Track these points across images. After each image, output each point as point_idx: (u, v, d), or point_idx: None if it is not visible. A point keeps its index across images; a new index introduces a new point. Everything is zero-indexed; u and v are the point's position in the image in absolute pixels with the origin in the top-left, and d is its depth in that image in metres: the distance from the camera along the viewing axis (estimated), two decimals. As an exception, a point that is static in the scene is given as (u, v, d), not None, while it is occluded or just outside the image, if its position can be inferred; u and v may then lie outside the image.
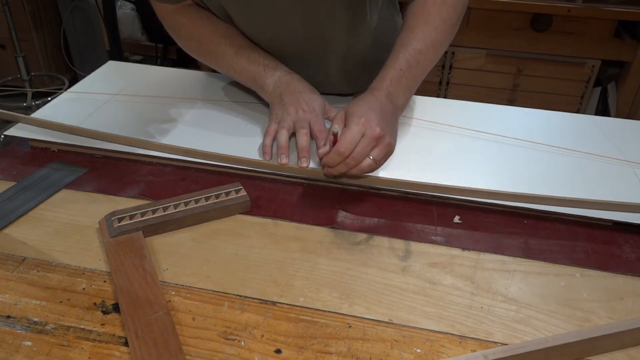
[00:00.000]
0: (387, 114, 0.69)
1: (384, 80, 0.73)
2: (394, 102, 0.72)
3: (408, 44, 0.74)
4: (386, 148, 0.66)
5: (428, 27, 0.75)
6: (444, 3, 0.75)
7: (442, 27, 0.75)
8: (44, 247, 0.60)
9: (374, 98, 0.71)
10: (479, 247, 0.62)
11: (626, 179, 0.73)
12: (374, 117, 0.66)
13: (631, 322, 0.50)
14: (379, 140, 0.65)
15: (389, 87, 0.72)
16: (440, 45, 0.76)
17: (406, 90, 0.74)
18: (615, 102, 2.17)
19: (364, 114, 0.67)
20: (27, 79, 2.46)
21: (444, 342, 0.51)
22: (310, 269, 0.58)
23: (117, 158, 0.76)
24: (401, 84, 0.72)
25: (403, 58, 0.73)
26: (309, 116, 0.77)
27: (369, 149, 0.65)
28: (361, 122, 0.65)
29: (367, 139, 0.65)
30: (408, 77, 0.73)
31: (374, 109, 0.68)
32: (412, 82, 0.74)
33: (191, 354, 0.48)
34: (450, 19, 0.76)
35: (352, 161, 0.65)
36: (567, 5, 1.96)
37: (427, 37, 0.74)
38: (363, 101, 0.70)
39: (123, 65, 1.05)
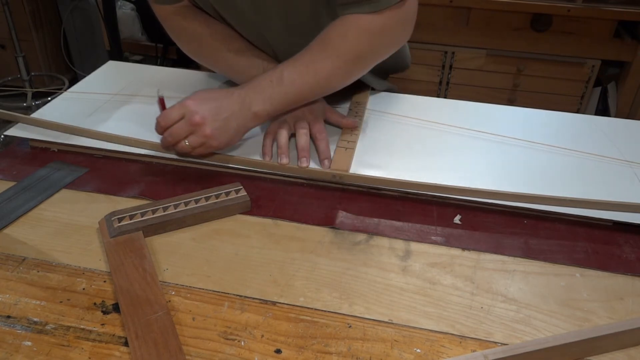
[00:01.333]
0: (227, 111, 0.69)
1: (251, 82, 0.72)
2: (247, 105, 0.70)
3: (294, 61, 0.72)
4: (203, 138, 0.68)
5: (321, 54, 0.72)
6: (345, 38, 0.71)
7: (336, 60, 0.71)
8: (44, 247, 0.60)
9: (228, 93, 0.71)
10: (479, 247, 0.62)
11: (626, 179, 0.73)
12: (203, 106, 0.68)
13: (631, 322, 0.50)
14: (196, 128, 0.67)
15: (251, 90, 0.71)
16: (328, 76, 0.73)
17: (268, 101, 0.71)
18: (615, 102, 2.17)
19: (197, 98, 0.69)
20: (27, 79, 2.46)
21: (444, 342, 0.51)
22: (310, 269, 0.58)
23: (117, 158, 0.76)
24: (264, 93, 0.71)
25: (279, 71, 0.72)
26: (308, 117, 0.77)
27: (184, 132, 0.68)
28: (186, 104, 0.68)
29: (184, 122, 0.68)
30: (275, 90, 0.71)
31: (214, 100, 0.69)
32: (278, 97, 0.71)
33: (191, 354, 0.48)
34: (348, 54, 0.72)
35: (168, 137, 0.68)
36: (567, 5, 1.96)
37: (315, 62, 0.72)
38: (212, 91, 0.72)
39: (123, 65, 1.05)
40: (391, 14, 0.71)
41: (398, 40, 0.77)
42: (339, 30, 0.72)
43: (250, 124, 0.72)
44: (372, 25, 0.71)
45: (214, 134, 0.68)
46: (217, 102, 0.70)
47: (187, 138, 0.68)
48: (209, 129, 0.68)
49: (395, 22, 0.72)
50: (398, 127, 0.84)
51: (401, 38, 0.77)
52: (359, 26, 0.71)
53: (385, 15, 0.71)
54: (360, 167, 0.73)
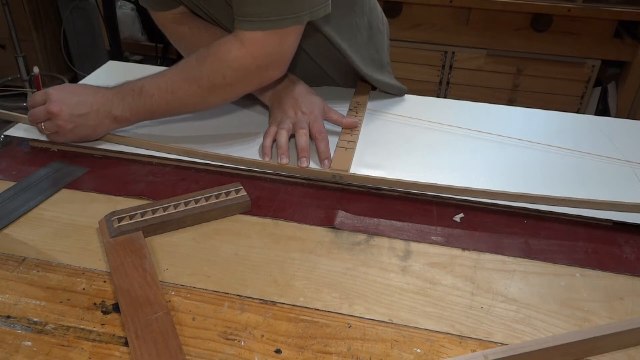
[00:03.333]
0: (87, 108, 0.72)
1: (117, 87, 0.75)
2: (108, 108, 0.73)
3: (159, 75, 0.73)
4: (56, 127, 0.72)
5: (180, 75, 0.73)
6: (203, 65, 0.71)
7: (192, 84, 0.72)
8: (44, 247, 0.60)
9: (94, 91, 0.74)
10: (479, 247, 0.62)
11: (626, 179, 0.73)
12: (65, 98, 0.72)
13: (631, 322, 0.50)
14: (51, 116, 0.72)
15: (115, 95, 0.74)
16: (183, 97, 0.73)
17: (127, 109, 0.73)
18: (615, 102, 2.17)
19: (62, 89, 0.73)
20: (27, 79, 2.46)
21: (444, 342, 0.51)
22: (310, 269, 0.58)
23: (117, 158, 0.76)
24: (125, 100, 0.73)
25: (142, 83, 0.73)
26: (308, 117, 0.77)
27: (42, 117, 0.72)
28: (50, 91, 0.72)
29: (43, 108, 0.72)
30: (135, 100, 0.73)
31: (77, 95, 0.73)
32: (137, 107, 0.73)
33: (191, 354, 0.48)
34: (203, 82, 0.71)
35: (29, 117, 0.74)
36: (567, 5, 1.96)
37: (173, 82, 0.72)
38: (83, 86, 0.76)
39: (123, 65, 1.05)
40: (253, 49, 0.69)
41: (258, 78, 0.73)
42: (201, 56, 0.72)
43: (110, 125, 0.75)
44: (230, 56, 0.69)
45: (67, 126, 0.72)
46: (79, 97, 0.73)
47: (44, 123, 0.73)
48: (63, 120, 0.71)
49: (255, 58, 0.70)
50: (398, 127, 0.84)
51: (263, 77, 0.73)
52: (217, 55, 0.70)
53: (245, 49, 0.69)
54: (360, 167, 0.73)
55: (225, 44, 0.70)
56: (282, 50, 0.71)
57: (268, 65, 0.71)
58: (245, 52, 0.69)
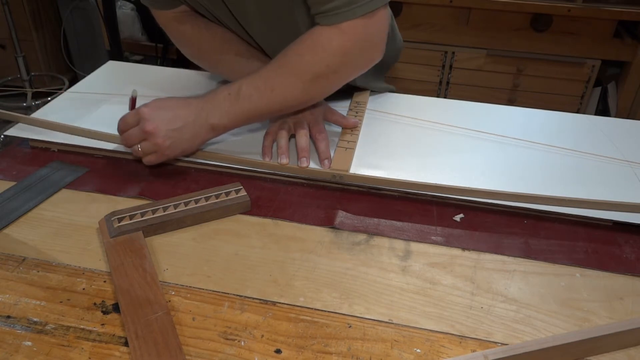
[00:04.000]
0: (182, 121, 0.69)
1: (210, 93, 0.72)
2: (204, 117, 0.71)
3: (254, 76, 0.72)
4: (154, 147, 0.69)
5: (278, 71, 0.71)
6: (302, 56, 0.70)
7: (292, 78, 0.70)
8: (44, 247, 0.60)
9: (186, 102, 0.71)
10: (479, 247, 0.62)
11: (626, 179, 0.73)
12: (158, 115, 0.69)
13: (631, 322, 0.50)
14: (147, 135, 0.68)
15: (208, 102, 0.71)
16: (284, 94, 0.71)
17: (225, 115, 0.71)
18: (615, 102, 2.17)
19: (153, 106, 0.69)
20: (27, 79, 2.46)
21: (444, 342, 0.51)
22: (310, 269, 0.58)
23: (117, 158, 0.76)
24: (221, 106, 0.71)
25: (238, 85, 0.71)
26: (308, 117, 0.77)
27: (137, 139, 0.69)
28: (141, 111, 0.69)
29: (138, 129, 0.69)
30: (233, 104, 0.71)
31: (170, 109, 0.70)
32: (236, 110, 0.71)
33: (191, 354, 0.48)
34: (305, 73, 0.70)
35: (123, 141, 0.71)
36: (567, 5, 1.96)
37: (272, 80, 0.71)
38: (170, 100, 0.71)
39: (123, 65, 1.05)
40: (353, 34, 0.68)
41: (362, 61, 0.73)
42: (298, 48, 0.71)
43: (207, 135, 0.72)
44: (332, 44, 0.69)
45: (165, 143, 0.69)
46: (172, 111, 0.70)
47: (140, 144, 0.69)
48: (161, 138, 0.68)
49: (357, 42, 0.69)
50: (398, 127, 0.84)
51: (366, 60, 0.73)
52: (317, 45, 0.69)
53: (346, 35, 0.68)
54: (360, 167, 0.73)
55: (323, 34, 0.69)
56: (379, 30, 0.71)
57: (369, 48, 0.72)
58: (346, 38, 0.68)
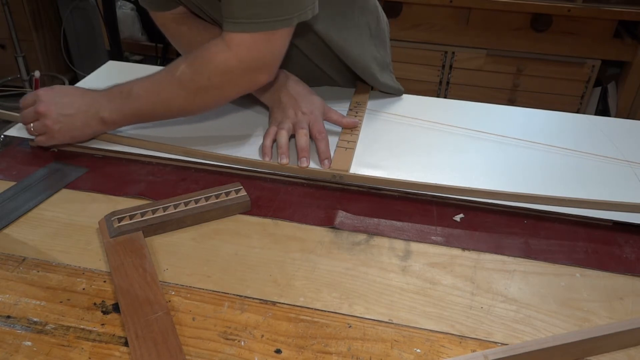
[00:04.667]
0: (74, 108, 0.72)
1: (106, 89, 0.74)
2: (96, 109, 0.73)
3: (147, 78, 0.73)
4: (44, 128, 0.72)
5: (167, 77, 0.72)
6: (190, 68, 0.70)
7: (177, 87, 0.71)
8: (44, 247, 0.60)
9: (83, 93, 0.74)
10: (479, 247, 0.62)
11: (626, 179, 0.73)
12: (53, 98, 0.72)
13: (631, 322, 0.50)
14: (40, 116, 0.72)
15: (103, 96, 0.74)
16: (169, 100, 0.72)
17: (115, 111, 0.73)
18: (615, 102, 2.17)
19: (51, 90, 0.73)
20: (27, 79, 2.46)
21: (444, 342, 0.51)
22: (310, 269, 0.58)
23: (117, 158, 0.76)
24: (113, 102, 0.73)
25: (131, 85, 0.73)
26: (308, 118, 0.77)
27: (31, 118, 0.73)
28: (39, 92, 0.73)
29: (32, 109, 0.73)
30: (123, 102, 0.73)
31: (66, 95, 0.73)
32: (125, 108, 0.73)
33: (191, 354, 0.48)
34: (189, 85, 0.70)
35: (19, 118, 0.76)
36: (567, 5, 1.96)
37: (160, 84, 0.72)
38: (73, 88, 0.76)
39: (123, 65, 1.05)
40: (240, 51, 0.67)
41: (245, 81, 0.71)
42: (188, 58, 0.71)
43: (97, 127, 0.74)
44: (217, 59, 0.68)
45: (55, 126, 0.72)
46: (68, 97, 0.73)
47: (32, 124, 0.73)
48: (51, 120, 0.71)
49: (243, 61, 0.68)
50: (398, 127, 0.84)
51: (250, 80, 0.71)
52: (204, 58, 0.69)
53: (232, 52, 0.67)
54: (360, 167, 0.73)
55: (214, 45, 0.69)
56: (270, 53, 0.68)
57: (255, 69, 0.69)
58: (231, 54, 0.67)
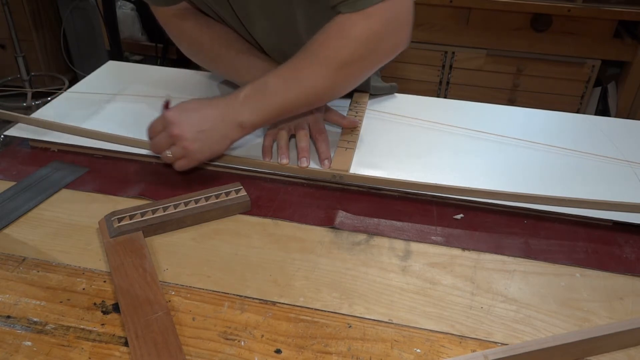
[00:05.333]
0: (209, 122, 0.67)
1: (236, 92, 0.70)
2: (232, 117, 0.68)
3: (280, 69, 0.70)
4: (183, 150, 0.67)
5: (304, 62, 0.69)
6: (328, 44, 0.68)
7: (319, 68, 0.68)
8: (44, 247, 0.60)
9: (212, 103, 0.69)
10: (479, 247, 0.62)
11: (626, 179, 0.73)
12: (184, 118, 0.67)
13: (631, 322, 0.50)
14: (175, 140, 0.66)
15: (235, 100, 0.69)
16: (313, 85, 0.69)
17: (254, 112, 0.69)
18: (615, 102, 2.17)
19: (178, 110, 0.67)
20: (27, 79, 2.46)
21: (444, 342, 0.51)
22: (310, 269, 0.58)
23: (117, 158, 0.76)
24: (250, 103, 0.69)
25: (264, 80, 0.69)
26: (308, 118, 0.77)
27: (165, 144, 0.67)
28: (166, 115, 0.67)
29: (165, 134, 0.67)
30: (260, 99, 0.69)
31: (196, 111, 0.68)
32: (263, 107, 0.69)
33: (191, 354, 0.48)
34: (331, 62, 0.68)
35: (152, 148, 0.69)
36: (567, 5, 1.96)
37: (298, 71, 0.69)
38: (198, 101, 0.69)
39: (123, 65, 1.05)
40: (378, 16, 0.66)
41: (389, 46, 0.70)
42: (322, 37, 0.69)
43: (236, 135, 0.70)
44: (356, 30, 0.67)
45: (194, 146, 0.67)
46: (198, 113, 0.68)
47: (170, 149, 0.67)
48: (189, 141, 0.66)
49: (383, 25, 0.67)
50: (398, 127, 0.84)
51: (392, 44, 0.70)
52: (341, 31, 0.67)
53: (371, 19, 0.66)
54: (360, 167, 0.73)
55: (347, 20, 0.66)
56: (405, 11, 0.69)
57: (395, 31, 0.69)
58: (372, 21, 0.66)
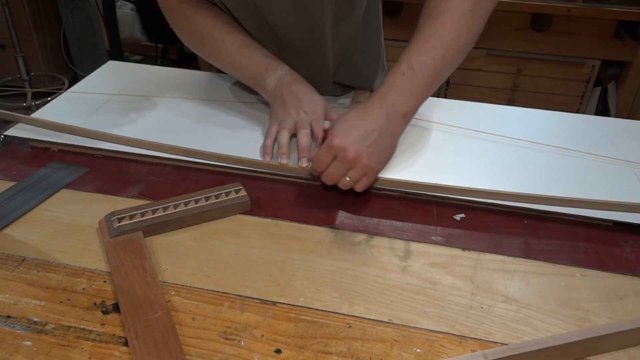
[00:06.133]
0: (375, 130, 0.65)
1: (384, 87, 0.68)
2: (393, 112, 0.67)
3: (413, 46, 0.68)
4: (363, 169, 0.64)
5: (436, 23, 0.68)
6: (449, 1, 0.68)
7: (451, 18, 0.67)
8: (44, 247, 0.60)
9: (367, 109, 0.67)
10: (479, 247, 0.62)
11: (626, 179, 0.73)
12: (351, 139, 0.64)
13: (631, 322, 0.50)
14: (353, 163, 0.64)
15: (389, 95, 0.67)
16: (452, 40, 0.68)
17: (411, 96, 0.67)
18: (615, 102, 2.17)
19: (341, 132, 0.64)
20: (27, 79, 2.46)
21: (444, 342, 0.51)
22: (310, 269, 0.58)
23: (117, 158, 0.76)
24: (403, 90, 0.67)
25: (406, 62, 0.67)
26: (310, 117, 0.77)
27: (343, 170, 0.64)
28: (334, 143, 0.63)
29: (339, 162, 0.64)
30: (412, 81, 0.67)
31: (358, 126, 0.65)
32: (419, 87, 0.68)
33: (191, 354, 0.48)
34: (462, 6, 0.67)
35: (327, 180, 0.66)
36: (567, 5, 1.96)
37: (434, 35, 0.68)
38: (351, 115, 0.67)
39: (123, 65, 1.05)
40: None
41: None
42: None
43: (402, 127, 0.69)
44: None
45: (372, 161, 0.64)
46: (361, 126, 0.65)
47: (347, 174, 0.64)
48: (366, 158, 0.64)
49: None
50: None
51: None
52: None
53: None
54: (360, 167, 0.73)
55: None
56: None
57: None
58: None
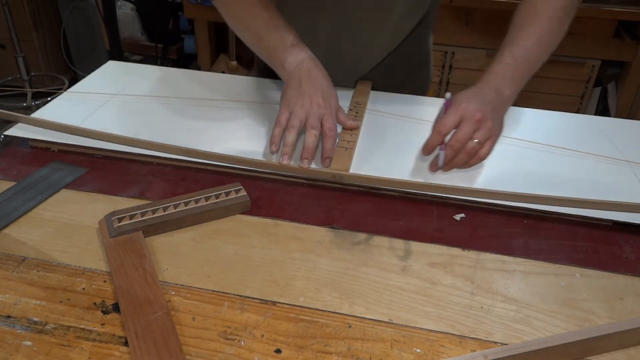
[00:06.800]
0: (490, 101, 0.72)
1: (489, 74, 0.75)
2: (500, 92, 0.74)
3: (514, 41, 0.76)
4: (488, 131, 0.70)
5: (533, 25, 0.77)
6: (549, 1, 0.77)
7: (548, 25, 0.77)
8: (44, 247, 0.60)
9: (477, 91, 0.73)
10: (479, 247, 0.62)
11: (626, 179, 0.73)
12: (473, 104, 0.70)
13: (631, 322, 0.50)
14: (479, 124, 0.69)
15: (493, 79, 0.74)
16: (547, 42, 0.78)
17: (512, 82, 0.75)
18: (615, 102, 2.17)
19: (463, 101, 0.71)
20: (27, 79, 2.46)
21: (443, 342, 0.51)
22: (310, 269, 0.58)
23: (117, 158, 0.76)
24: (506, 76, 0.74)
25: (509, 54, 0.75)
26: (322, 111, 0.74)
27: (470, 132, 0.69)
28: (462, 107, 0.70)
29: (468, 122, 0.69)
30: (514, 70, 0.75)
31: (478, 95, 0.72)
32: (519, 75, 0.76)
33: (191, 354, 0.48)
34: (558, 16, 0.78)
35: (455, 143, 0.70)
36: (567, 5, 1.96)
37: (533, 34, 0.76)
38: (465, 92, 0.73)
39: (123, 65, 1.05)
40: None
41: None
42: None
43: (506, 108, 0.75)
44: None
45: (494, 124, 0.71)
46: (481, 96, 0.72)
47: (474, 136, 0.70)
48: (490, 121, 0.70)
49: None
50: (398, 127, 0.84)
51: None
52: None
53: None
54: (360, 167, 0.73)
55: None
56: None
57: None
58: None
